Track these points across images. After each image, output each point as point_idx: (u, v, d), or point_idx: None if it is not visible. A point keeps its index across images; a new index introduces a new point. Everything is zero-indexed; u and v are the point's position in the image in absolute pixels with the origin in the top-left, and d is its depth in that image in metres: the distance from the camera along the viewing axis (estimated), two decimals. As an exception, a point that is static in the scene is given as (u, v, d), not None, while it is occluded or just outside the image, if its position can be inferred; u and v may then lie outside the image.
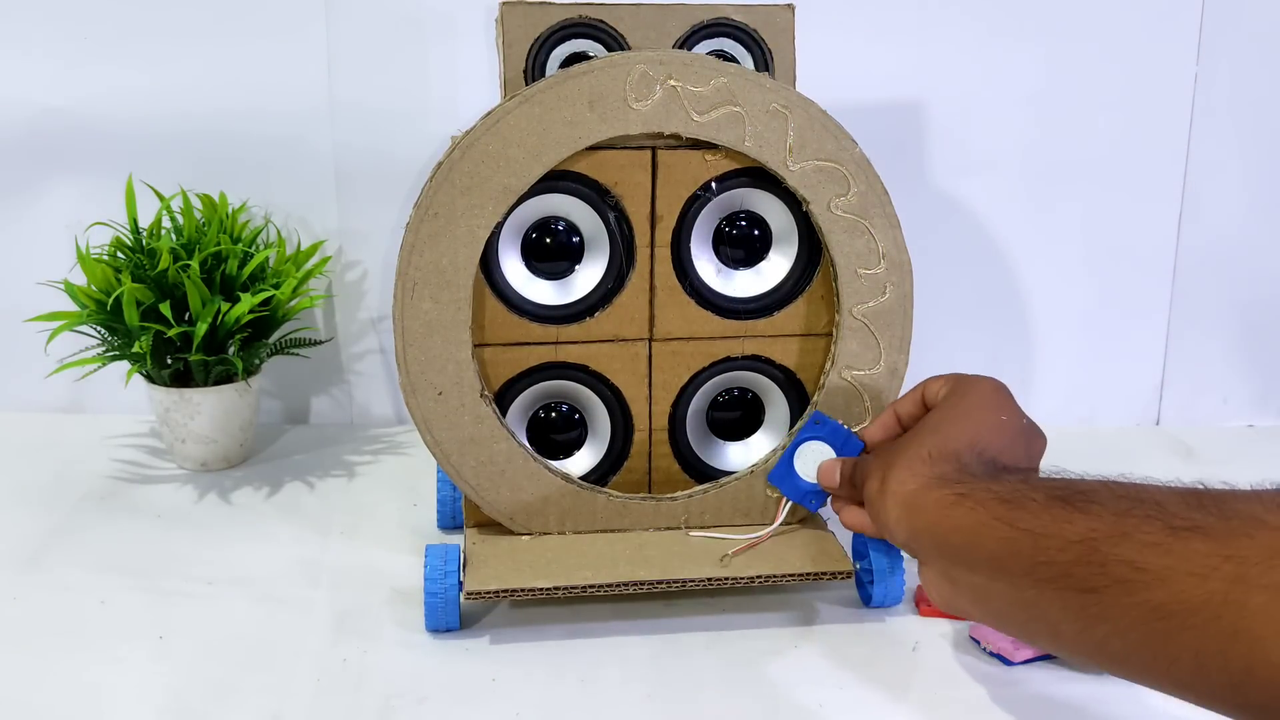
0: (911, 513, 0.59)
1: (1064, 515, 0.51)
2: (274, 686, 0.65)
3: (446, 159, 0.68)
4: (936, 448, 0.61)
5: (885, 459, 0.63)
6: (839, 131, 0.72)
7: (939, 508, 0.57)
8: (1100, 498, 0.50)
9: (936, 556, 0.57)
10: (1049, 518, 0.51)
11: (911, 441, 0.62)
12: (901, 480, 0.60)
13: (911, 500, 0.59)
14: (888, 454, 0.64)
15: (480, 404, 0.72)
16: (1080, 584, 0.49)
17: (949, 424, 0.63)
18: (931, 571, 0.58)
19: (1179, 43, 1.03)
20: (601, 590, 0.69)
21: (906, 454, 0.61)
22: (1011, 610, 0.53)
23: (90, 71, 1.01)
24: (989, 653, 0.68)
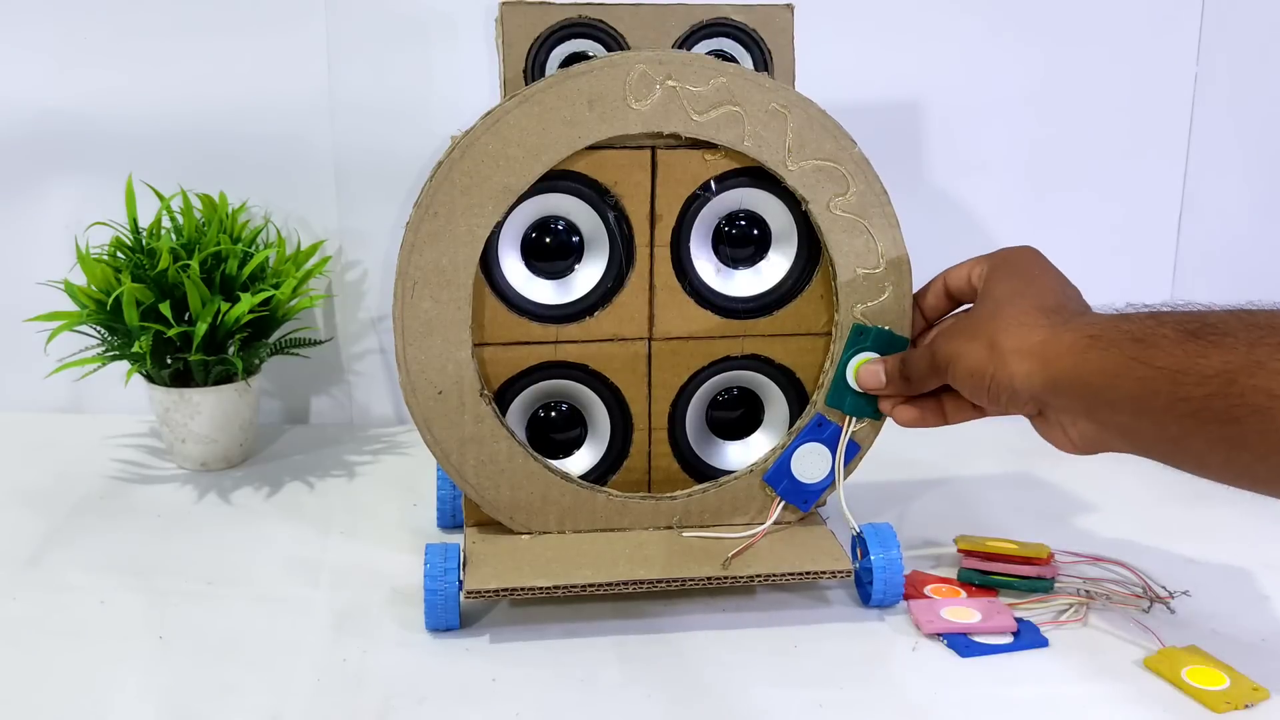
0: (1045, 363, 0.59)
1: (1197, 350, 0.53)
2: (274, 686, 0.65)
3: (446, 159, 0.68)
4: (1038, 301, 0.62)
5: (973, 328, 0.64)
6: (838, 131, 0.72)
7: (1074, 352, 0.58)
8: (1231, 329, 0.52)
9: (1076, 401, 0.59)
10: (1182, 353, 0.53)
11: (1006, 304, 0.63)
12: (1021, 335, 0.61)
13: (1042, 350, 0.60)
14: (971, 325, 0.64)
15: (480, 403, 0.72)
16: (1220, 415, 0.52)
17: (1030, 282, 0.65)
18: (1068, 416, 0.60)
19: (1179, 43, 1.03)
20: (601, 590, 0.69)
21: (1009, 313, 0.62)
22: (1158, 445, 0.56)
23: (90, 71, 1.01)
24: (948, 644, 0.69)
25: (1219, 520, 0.87)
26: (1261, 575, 0.79)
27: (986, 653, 0.68)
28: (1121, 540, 0.84)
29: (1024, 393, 0.61)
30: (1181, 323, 0.55)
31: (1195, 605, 0.74)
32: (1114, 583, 0.76)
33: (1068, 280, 0.67)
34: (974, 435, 0.78)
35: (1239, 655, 0.68)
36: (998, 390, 0.62)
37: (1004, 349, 0.61)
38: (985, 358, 0.62)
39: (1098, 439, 0.60)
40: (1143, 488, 0.94)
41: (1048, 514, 0.88)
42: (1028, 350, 0.60)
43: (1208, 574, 0.78)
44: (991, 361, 0.62)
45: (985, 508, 0.89)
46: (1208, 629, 0.71)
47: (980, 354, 0.63)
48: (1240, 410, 0.51)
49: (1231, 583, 0.77)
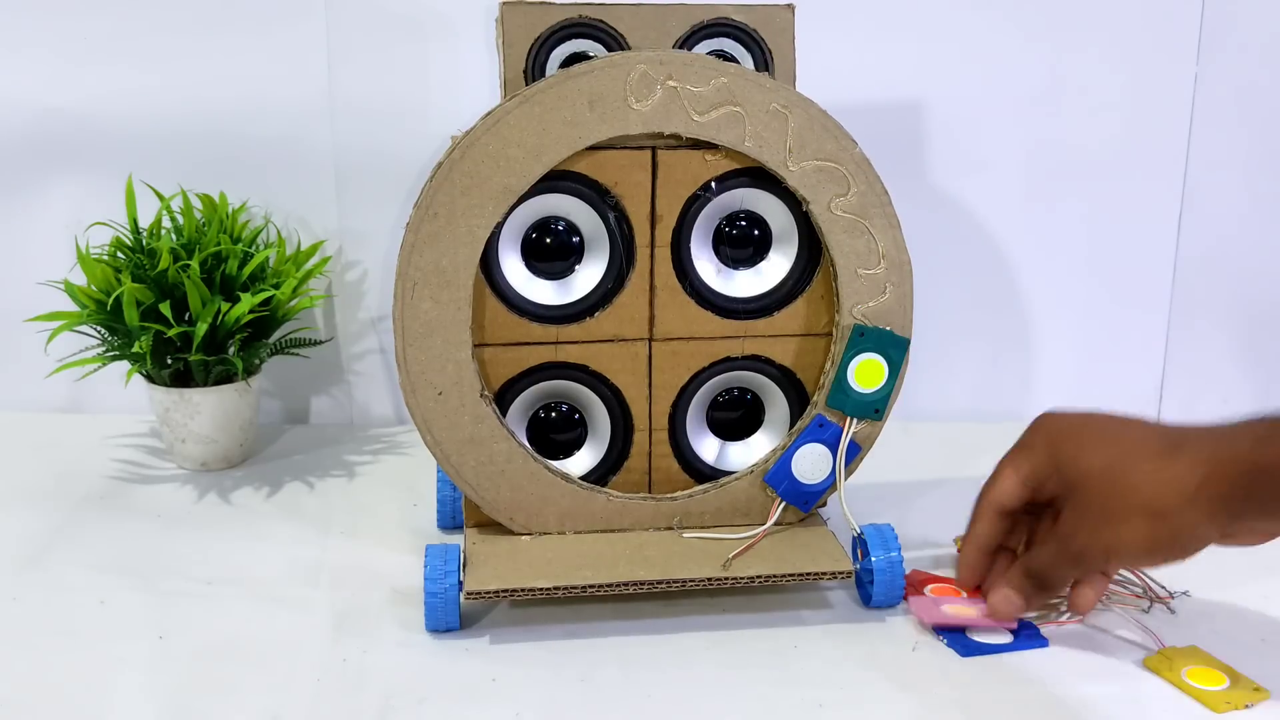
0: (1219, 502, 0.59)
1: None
2: (274, 686, 0.65)
3: (446, 159, 0.68)
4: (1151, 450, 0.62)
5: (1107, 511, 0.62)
6: (839, 131, 0.72)
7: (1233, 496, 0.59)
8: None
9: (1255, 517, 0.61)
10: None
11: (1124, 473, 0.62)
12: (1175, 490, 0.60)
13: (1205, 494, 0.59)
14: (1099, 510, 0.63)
15: (480, 404, 0.72)
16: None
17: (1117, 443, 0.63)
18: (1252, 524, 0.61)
19: (1179, 43, 1.03)
20: (601, 590, 0.69)
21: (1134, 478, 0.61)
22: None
23: (90, 71, 1.01)
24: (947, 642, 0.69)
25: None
26: (1262, 576, 0.78)
27: (986, 652, 0.68)
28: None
29: (1210, 532, 0.61)
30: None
31: (1195, 605, 0.74)
32: (1114, 582, 0.76)
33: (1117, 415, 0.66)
34: (974, 435, 0.78)
35: (1239, 655, 0.68)
36: (1184, 543, 0.62)
37: (1168, 509, 0.60)
38: (1151, 526, 0.61)
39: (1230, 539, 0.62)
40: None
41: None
42: (1192, 500, 0.60)
43: (1208, 574, 0.78)
44: (1162, 525, 0.61)
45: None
46: (1208, 630, 0.71)
47: (1143, 528, 0.61)
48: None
49: (1232, 583, 0.77)
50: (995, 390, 1.09)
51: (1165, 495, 0.60)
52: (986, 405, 1.09)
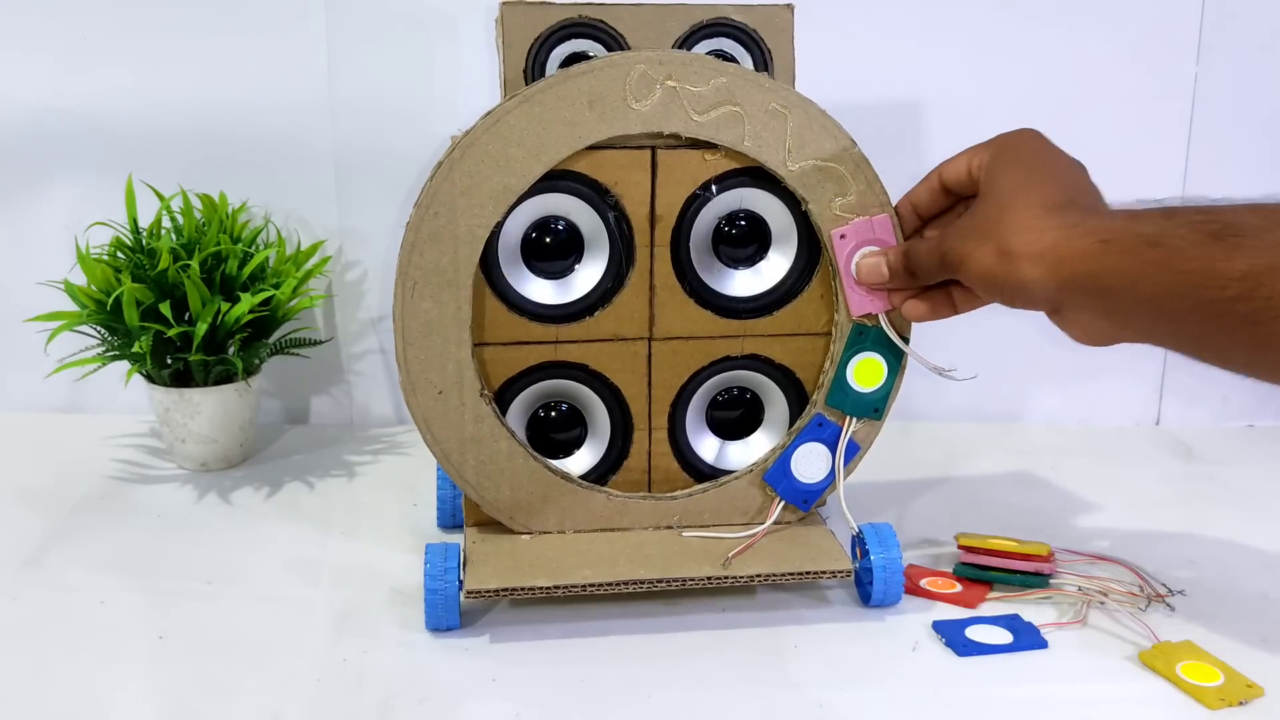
0: (1057, 266, 0.59)
1: (1219, 253, 0.53)
2: (274, 686, 0.65)
3: (446, 159, 0.68)
4: (1046, 198, 0.61)
5: (981, 228, 0.63)
6: (838, 131, 0.72)
7: (1087, 257, 0.58)
8: (1253, 229, 0.52)
9: (1093, 302, 0.59)
10: (1204, 256, 0.53)
11: (1012, 203, 0.62)
12: (1031, 238, 0.60)
13: (1054, 253, 0.59)
14: (979, 224, 0.63)
15: (480, 403, 0.72)
16: (1246, 318, 0.52)
17: (1037, 175, 0.63)
18: (1085, 315, 0.60)
19: (1179, 43, 1.03)
20: (601, 590, 0.70)
21: (1017, 213, 0.61)
22: (1179, 343, 0.57)
23: (90, 71, 1.01)
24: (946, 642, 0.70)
25: (1219, 520, 0.87)
26: (1260, 575, 0.79)
27: (985, 652, 0.68)
28: (1122, 540, 0.84)
29: (1038, 296, 0.61)
30: (1200, 223, 0.54)
31: (1193, 602, 0.74)
32: (1113, 581, 0.76)
33: (1075, 165, 0.66)
34: (974, 436, 0.78)
35: (1235, 652, 0.68)
36: (1012, 293, 0.62)
37: (1015, 253, 0.61)
38: (996, 261, 0.62)
39: (1115, 335, 0.61)
40: (1144, 488, 0.94)
41: (1048, 514, 0.88)
42: (1038, 254, 0.60)
43: (1208, 574, 0.78)
44: (1003, 265, 0.61)
45: (985, 508, 0.89)
46: (1204, 626, 0.71)
47: (990, 257, 0.62)
48: (1267, 313, 0.51)
49: (1233, 583, 0.77)
50: (994, 390, 1.09)
51: (1020, 243, 0.61)
52: (985, 405, 1.09)
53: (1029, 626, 0.71)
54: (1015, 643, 0.69)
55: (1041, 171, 0.64)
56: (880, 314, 0.73)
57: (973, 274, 0.64)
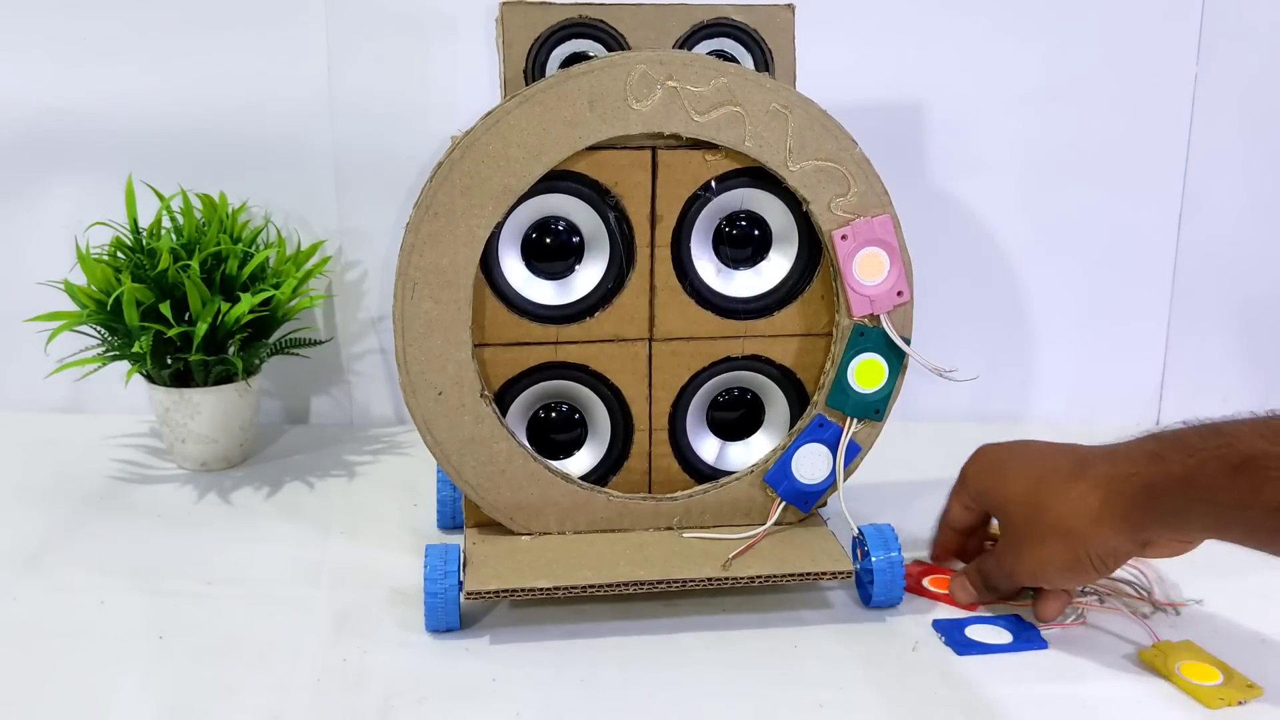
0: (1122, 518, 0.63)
1: (1250, 487, 0.56)
2: (274, 686, 0.65)
3: (446, 159, 0.68)
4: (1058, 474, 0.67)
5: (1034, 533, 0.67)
6: (839, 131, 0.72)
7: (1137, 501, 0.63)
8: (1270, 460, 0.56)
9: (1165, 530, 0.64)
10: (1238, 492, 0.57)
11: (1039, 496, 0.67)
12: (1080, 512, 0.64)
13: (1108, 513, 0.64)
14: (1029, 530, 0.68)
15: (480, 404, 0.72)
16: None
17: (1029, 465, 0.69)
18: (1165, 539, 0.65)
19: (1179, 43, 1.03)
20: (601, 590, 0.69)
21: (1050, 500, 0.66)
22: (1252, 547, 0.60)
23: (90, 71, 1.01)
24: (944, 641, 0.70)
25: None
26: (1261, 575, 0.78)
27: (985, 652, 0.68)
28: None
29: (1124, 549, 0.65)
30: (1221, 457, 0.58)
31: (1199, 604, 0.74)
32: (1122, 582, 0.76)
33: (1034, 444, 0.72)
34: (974, 436, 0.77)
35: (1236, 653, 0.68)
36: (1102, 565, 0.66)
37: (1078, 531, 0.64)
38: (1068, 549, 0.65)
39: (1199, 539, 0.66)
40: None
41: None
42: (1097, 517, 0.64)
43: (1208, 573, 0.78)
44: (1077, 546, 0.65)
45: (985, 508, 0.89)
46: (1206, 627, 0.71)
47: (1061, 549, 0.66)
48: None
49: (1233, 582, 0.77)
50: (995, 391, 1.09)
51: (1073, 517, 0.65)
52: (986, 406, 1.09)
53: (1029, 626, 0.71)
54: (1015, 643, 0.69)
55: (1033, 458, 0.70)
56: (881, 314, 0.73)
57: (1056, 575, 0.68)
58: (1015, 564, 0.69)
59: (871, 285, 0.73)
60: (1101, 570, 0.66)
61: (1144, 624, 0.71)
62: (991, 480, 0.72)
